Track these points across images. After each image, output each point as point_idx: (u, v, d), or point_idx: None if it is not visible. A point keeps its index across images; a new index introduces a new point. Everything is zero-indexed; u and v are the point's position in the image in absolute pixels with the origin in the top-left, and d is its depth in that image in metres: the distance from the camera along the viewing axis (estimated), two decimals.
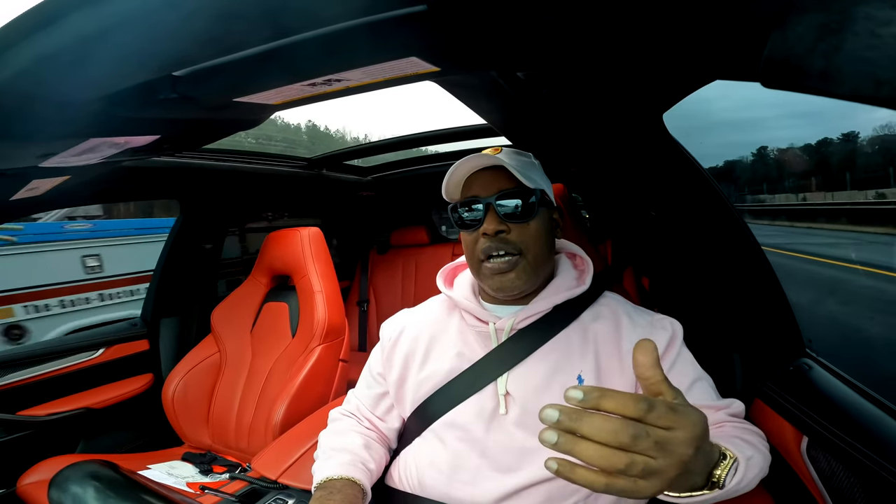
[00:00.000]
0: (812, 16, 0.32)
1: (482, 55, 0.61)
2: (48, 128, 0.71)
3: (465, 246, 0.90)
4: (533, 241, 0.85)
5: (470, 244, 0.88)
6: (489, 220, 0.84)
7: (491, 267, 0.84)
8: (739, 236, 1.02)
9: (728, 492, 0.58)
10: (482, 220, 0.85)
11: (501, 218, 0.84)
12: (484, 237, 0.84)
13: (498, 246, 0.83)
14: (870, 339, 4.83)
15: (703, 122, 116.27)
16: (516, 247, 0.84)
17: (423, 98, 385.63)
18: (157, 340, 2.01)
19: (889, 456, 0.69)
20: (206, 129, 0.95)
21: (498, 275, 0.84)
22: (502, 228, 0.84)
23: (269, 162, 2.09)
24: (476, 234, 0.86)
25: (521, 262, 0.84)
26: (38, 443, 1.62)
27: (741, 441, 0.73)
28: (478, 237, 0.86)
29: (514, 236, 0.84)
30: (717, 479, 0.55)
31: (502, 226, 0.84)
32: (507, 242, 0.84)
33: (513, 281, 0.84)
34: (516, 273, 0.84)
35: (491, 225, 0.83)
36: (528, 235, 0.85)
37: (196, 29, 0.50)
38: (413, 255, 2.87)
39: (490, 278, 0.85)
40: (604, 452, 0.44)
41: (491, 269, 0.84)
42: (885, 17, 0.28)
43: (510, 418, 0.83)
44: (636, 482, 0.46)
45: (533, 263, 0.85)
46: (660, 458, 0.45)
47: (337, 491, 0.81)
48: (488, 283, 0.87)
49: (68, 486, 1.00)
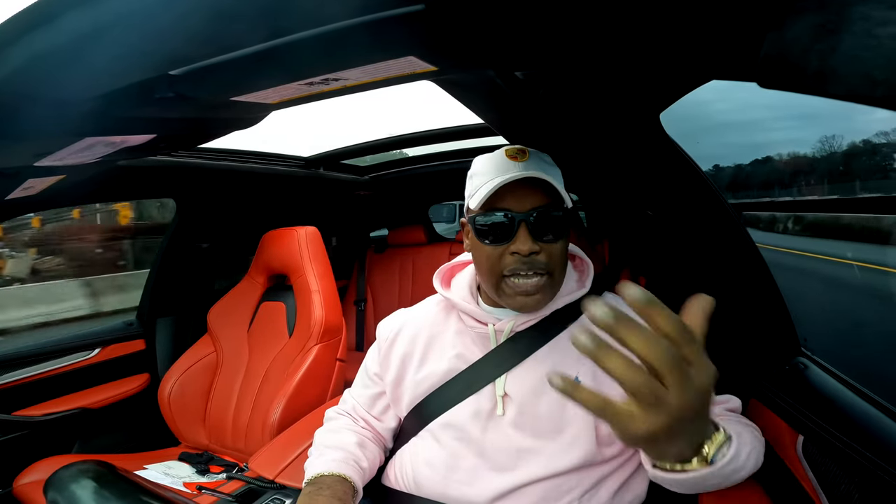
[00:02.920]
0: (808, 16, 0.32)
1: (480, 55, 0.61)
2: (43, 127, 0.70)
3: (484, 257, 0.83)
4: (560, 260, 0.82)
5: (493, 258, 0.82)
6: (522, 240, 0.79)
7: (515, 286, 0.81)
8: (736, 236, 1.03)
9: (718, 472, 0.56)
10: (513, 237, 0.80)
11: (534, 238, 0.79)
12: (512, 255, 0.80)
13: (529, 267, 0.80)
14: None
15: (708, 122, 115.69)
16: (545, 267, 0.80)
17: (421, 97, 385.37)
18: (153, 340, 2.01)
19: (885, 455, 0.70)
20: (202, 128, 0.94)
21: (522, 296, 0.81)
22: (536, 249, 0.79)
23: (265, 161, 2.09)
24: (502, 250, 0.81)
25: (547, 283, 0.81)
26: (33, 443, 1.61)
27: (738, 425, 0.74)
28: (504, 253, 0.81)
29: (544, 257, 0.80)
30: (706, 454, 0.54)
31: (536, 246, 0.79)
32: (536, 263, 0.80)
33: (538, 302, 0.81)
34: (542, 294, 0.81)
35: (525, 245, 0.78)
36: (556, 255, 0.81)
37: (192, 28, 0.49)
38: (410, 255, 2.87)
39: (513, 298, 0.82)
40: (629, 365, 0.44)
41: (515, 290, 0.81)
42: (881, 18, 0.28)
43: (507, 419, 0.83)
44: (632, 412, 0.46)
45: (557, 283, 0.84)
46: (672, 392, 0.44)
47: (326, 487, 0.81)
48: (509, 301, 0.83)
49: (64, 487, 0.99)
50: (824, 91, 0.33)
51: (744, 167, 20.29)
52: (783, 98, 1.77)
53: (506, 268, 0.81)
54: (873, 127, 18.90)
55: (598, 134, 1.02)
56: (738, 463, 0.62)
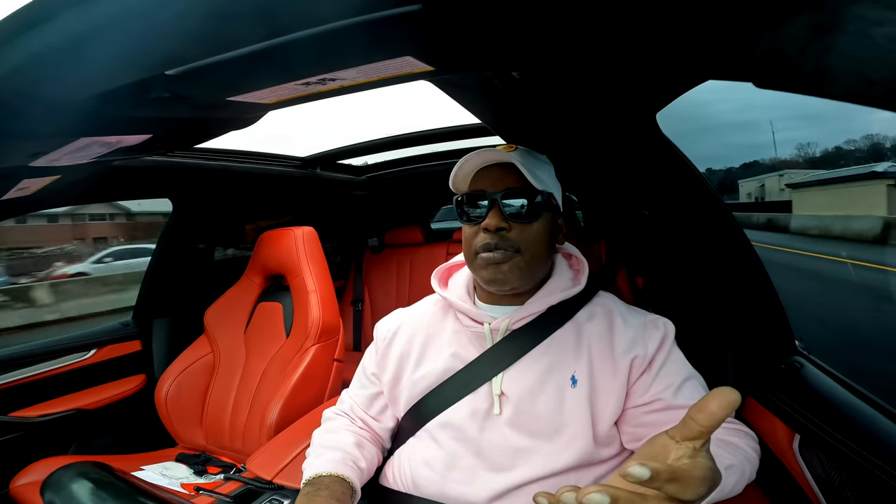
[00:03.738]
0: (804, 16, 0.32)
1: (476, 55, 0.61)
2: (39, 126, 0.70)
3: (464, 238, 0.90)
4: (532, 241, 0.85)
5: (469, 237, 0.88)
6: (492, 216, 0.84)
7: (485, 257, 0.84)
8: (732, 235, 1.03)
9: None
10: (485, 215, 0.85)
11: (505, 216, 0.84)
12: (484, 232, 0.84)
13: (497, 243, 0.83)
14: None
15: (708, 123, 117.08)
16: (514, 245, 0.84)
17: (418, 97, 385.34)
18: (149, 341, 2.00)
19: (880, 453, 0.70)
20: (198, 128, 0.94)
21: (491, 265, 0.84)
22: (503, 226, 0.84)
23: (262, 161, 2.08)
24: (476, 228, 0.86)
25: (516, 259, 0.84)
26: (30, 444, 1.61)
27: (725, 445, 0.74)
28: (478, 231, 0.86)
29: (514, 235, 0.84)
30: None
31: (504, 223, 0.84)
32: (506, 240, 0.84)
33: (505, 273, 0.84)
34: (509, 266, 0.84)
35: (493, 221, 0.83)
36: (528, 236, 0.85)
37: (189, 28, 0.49)
38: (408, 255, 2.87)
39: (483, 268, 0.85)
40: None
41: (485, 260, 0.84)
42: (876, 18, 0.28)
43: (504, 418, 0.83)
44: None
45: (528, 262, 0.85)
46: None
47: (325, 487, 0.81)
48: (480, 273, 0.87)
49: (61, 488, 0.99)
50: (820, 91, 0.33)
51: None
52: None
53: (478, 245, 0.85)
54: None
55: (594, 134, 1.03)
56: (725, 491, 0.66)
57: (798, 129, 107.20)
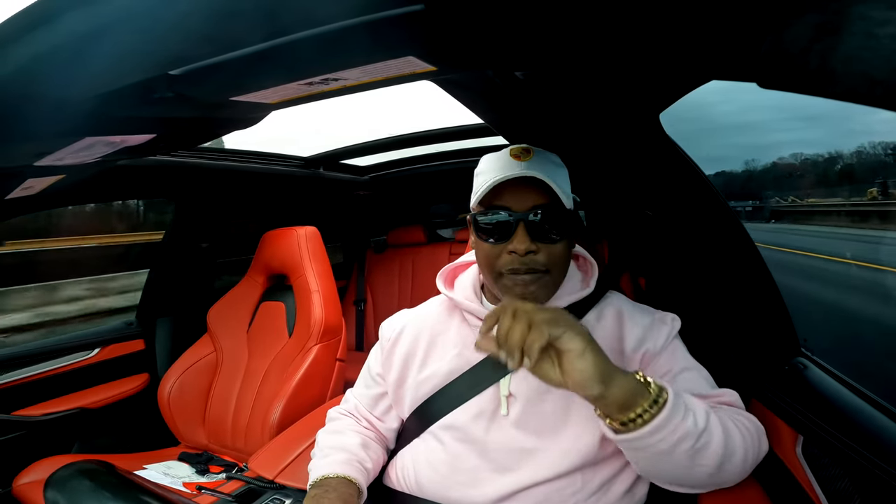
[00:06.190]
0: (808, 16, 0.32)
1: (479, 55, 0.61)
2: (43, 126, 0.70)
3: (483, 253, 0.84)
4: (559, 260, 0.82)
5: (491, 256, 0.82)
6: (520, 239, 0.79)
7: (514, 282, 0.81)
8: (735, 236, 1.03)
9: (658, 431, 0.63)
10: (511, 235, 0.80)
11: (532, 237, 0.79)
12: (510, 254, 0.80)
13: (526, 266, 0.80)
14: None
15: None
16: (542, 265, 0.80)
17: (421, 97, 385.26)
18: (152, 340, 2.00)
19: (884, 455, 0.70)
20: (202, 128, 0.94)
21: (520, 286, 0.80)
22: (533, 249, 0.79)
23: (265, 161, 2.08)
24: (500, 248, 0.81)
25: (545, 279, 0.81)
26: (33, 443, 1.61)
27: (710, 412, 0.70)
28: (502, 251, 0.81)
29: (542, 257, 0.80)
30: (633, 415, 0.63)
31: (533, 246, 0.79)
32: (535, 263, 0.80)
33: (534, 293, 0.81)
34: (538, 286, 0.81)
35: (522, 245, 0.78)
36: (555, 255, 0.81)
37: (192, 28, 0.49)
38: (410, 255, 2.87)
39: (510, 289, 0.81)
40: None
41: (513, 281, 0.81)
42: (880, 18, 0.28)
43: (510, 419, 0.83)
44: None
45: (556, 280, 0.84)
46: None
47: (332, 489, 0.81)
48: (506, 292, 0.83)
49: (64, 487, 0.99)
50: (823, 91, 0.33)
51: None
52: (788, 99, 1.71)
53: (504, 266, 0.81)
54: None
55: (597, 134, 1.02)
56: (691, 429, 0.65)
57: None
